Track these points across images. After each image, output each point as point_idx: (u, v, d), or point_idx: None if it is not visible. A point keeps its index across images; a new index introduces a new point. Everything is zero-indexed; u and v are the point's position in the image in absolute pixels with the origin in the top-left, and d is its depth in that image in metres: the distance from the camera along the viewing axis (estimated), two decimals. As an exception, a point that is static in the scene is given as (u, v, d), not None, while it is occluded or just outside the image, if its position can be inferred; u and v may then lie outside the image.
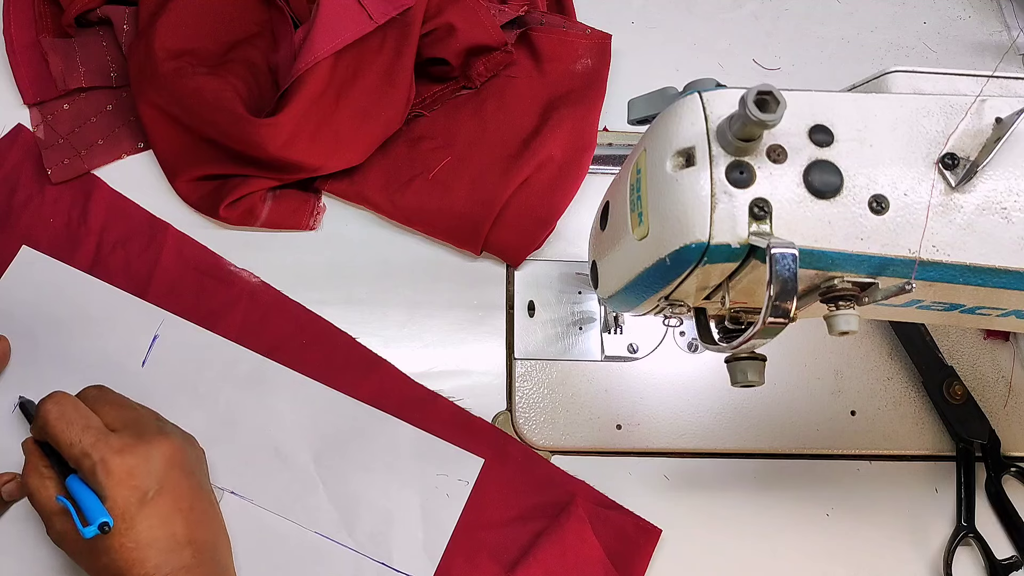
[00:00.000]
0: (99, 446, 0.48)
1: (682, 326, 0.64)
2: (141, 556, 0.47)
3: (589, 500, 0.60)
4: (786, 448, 0.63)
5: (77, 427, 0.49)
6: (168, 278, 0.62)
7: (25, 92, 0.65)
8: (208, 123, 0.61)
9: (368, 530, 0.58)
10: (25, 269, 0.61)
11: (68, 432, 0.48)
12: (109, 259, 0.62)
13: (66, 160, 0.63)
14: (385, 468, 0.59)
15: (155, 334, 0.60)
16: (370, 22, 0.62)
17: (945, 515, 0.62)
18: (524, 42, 0.70)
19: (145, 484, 0.48)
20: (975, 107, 0.41)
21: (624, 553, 0.58)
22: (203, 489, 0.52)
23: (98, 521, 0.46)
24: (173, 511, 0.49)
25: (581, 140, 0.67)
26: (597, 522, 0.59)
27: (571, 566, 0.57)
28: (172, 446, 0.50)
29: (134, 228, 0.63)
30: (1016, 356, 0.67)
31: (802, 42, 0.77)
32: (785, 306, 0.36)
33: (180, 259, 0.63)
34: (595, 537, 0.58)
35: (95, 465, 0.47)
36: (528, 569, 0.56)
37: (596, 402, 0.63)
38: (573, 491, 0.60)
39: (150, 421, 0.52)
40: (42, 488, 0.49)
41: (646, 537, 0.59)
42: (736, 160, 0.39)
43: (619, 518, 0.59)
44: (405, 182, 0.65)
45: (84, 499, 0.47)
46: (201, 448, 0.54)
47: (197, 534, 0.49)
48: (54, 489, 0.49)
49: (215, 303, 0.62)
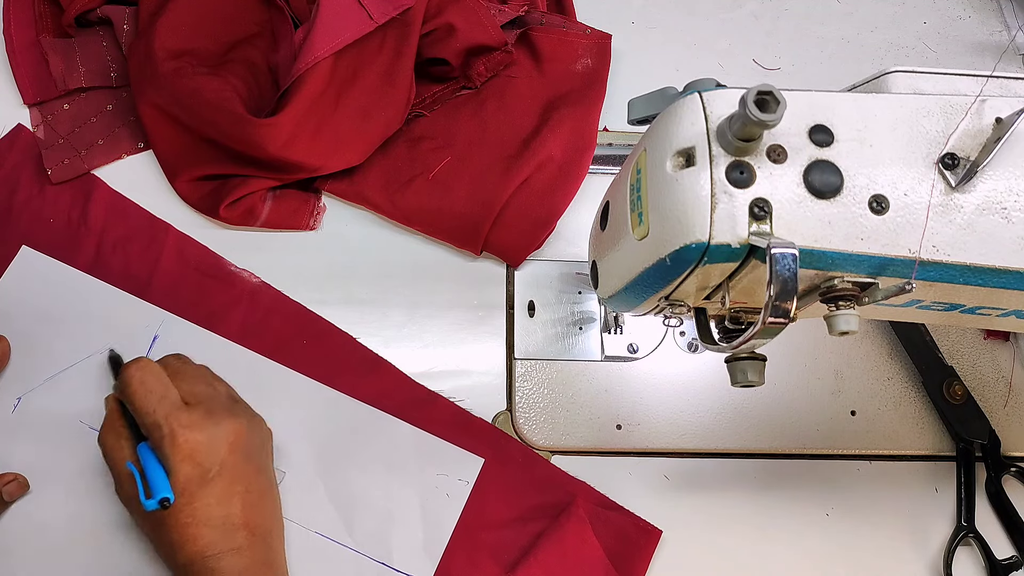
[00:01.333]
0: (171, 419, 0.49)
1: (682, 326, 0.64)
2: (196, 532, 0.48)
3: (589, 501, 0.60)
4: (786, 448, 0.63)
5: (155, 396, 0.50)
6: (168, 279, 0.62)
7: (25, 92, 0.65)
8: (208, 123, 0.61)
9: (368, 530, 0.58)
10: (25, 269, 0.61)
11: (146, 400, 0.50)
12: (109, 259, 0.62)
13: (66, 160, 0.63)
14: (385, 468, 0.59)
15: (155, 334, 0.60)
16: (370, 22, 0.62)
17: (945, 515, 0.62)
18: (524, 42, 0.70)
19: (207, 463, 0.49)
20: (975, 107, 0.41)
21: (624, 554, 0.58)
22: (263, 473, 0.53)
23: (160, 496, 0.47)
24: (231, 493, 0.50)
25: (581, 140, 0.67)
26: (597, 523, 0.59)
27: (572, 567, 0.57)
28: (237, 428, 0.51)
29: (134, 228, 0.63)
30: (1016, 356, 0.67)
31: (802, 42, 0.77)
32: (785, 306, 0.36)
33: (181, 259, 0.63)
34: (595, 538, 0.58)
35: (164, 437, 0.49)
36: (529, 570, 0.56)
37: (596, 402, 0.63)
38: (573, 491, 0.60)
39: (223, 399, 0.53)
40: (117, 448, 0.51)
41: (647, 538, 0.59)
42: (736, 160, 0.39)
43: (619, 519, 0.59)
44: (405, 182, 0.65)
45: (151, 470, 0.49)
46: (268, 430, 0.55)
47: (252, 517, 0.50)
48: (128, 451, 0.51)
49: (216, 303, 0.62)
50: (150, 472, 0.49)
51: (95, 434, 0.53)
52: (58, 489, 0.56)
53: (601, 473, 0.61)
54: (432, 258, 0.65)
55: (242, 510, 0.50)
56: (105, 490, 0.55)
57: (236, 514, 0.50)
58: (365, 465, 0.59)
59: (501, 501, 0.59)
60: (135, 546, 0.55)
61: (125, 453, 0.51)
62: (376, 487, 0.59)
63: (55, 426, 0.57)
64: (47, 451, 0.56)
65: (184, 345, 0.60)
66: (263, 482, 0.53)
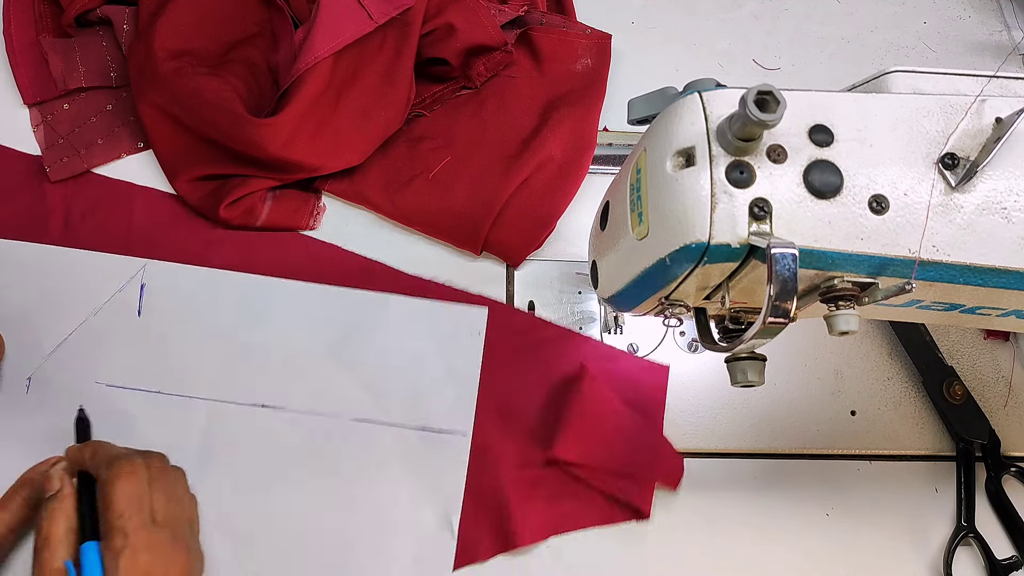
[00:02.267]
0: (140, 533, 0.47)
1: (682, 326, 0.64)
2: None
3: (594, 357, 0.62)
4: (786, 448, 0.63)
5: (135, 502, 0.48)
6: (146, 231, 0.62)
7: (25, 92, 0.65)
8: (208, 123, 0.61)
9: (400, 402, 0.60)
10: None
11: (125, 503, 0.48)
12: (80, 229, 0.62)
13: (65, 158, 0.63)
14: (399, 342, 0.61)
15: (141, 283, 0.61)
16: (370, 22, 0.62)
17: (945, 515, 0.62)
18: (524, 42, 0.70)
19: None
20: (975, 107, 0.41)
21: (640, 397, 0.61)
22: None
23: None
24: None
25: (581, 140, 0.67)
26: (607, 377, 0.61)
27: (598, 427, 0.59)
28: (189, 563, 0.49)
29: (99, 195, 0.63)
30: (1016, 356, 0.67)
31: (802, 42, 0.77)
32: (785, 306, 0.36)
33: (153, 212, 0.63)
34: (611, 392, 0.60)
35: (126, 548, 0.46)
36: (564, 444, 0.58)
37: (596, 402, 0.63)
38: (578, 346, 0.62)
39: (185, 527, 0.51)
40: (58, 539, 0.48)
41: (656, 375, 0.62)
42: (736, 160, 0.39)
43: (626, 366, 0.62)
44: (405, 182, 0.65)
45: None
46: (202, 571, 0.53)
47: None
48: (71, 547, 0.48)
49: (202, 239, 0.62)
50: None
51: (116, 391, 0.54)
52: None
53: (601, 473, 0.61)
54: (432, 258, 0.65)
55: None
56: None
57: None
58: (381, 345, 0.61)
59: (513, 347, 0.62)
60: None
61: (66, 548, 0.48)
62: (396, 361, 0.61)
63: (73, 392, 0.57)
64: (71, 417, 0.57)
65: (174, 286, 0.61)
66: None
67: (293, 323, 0.61)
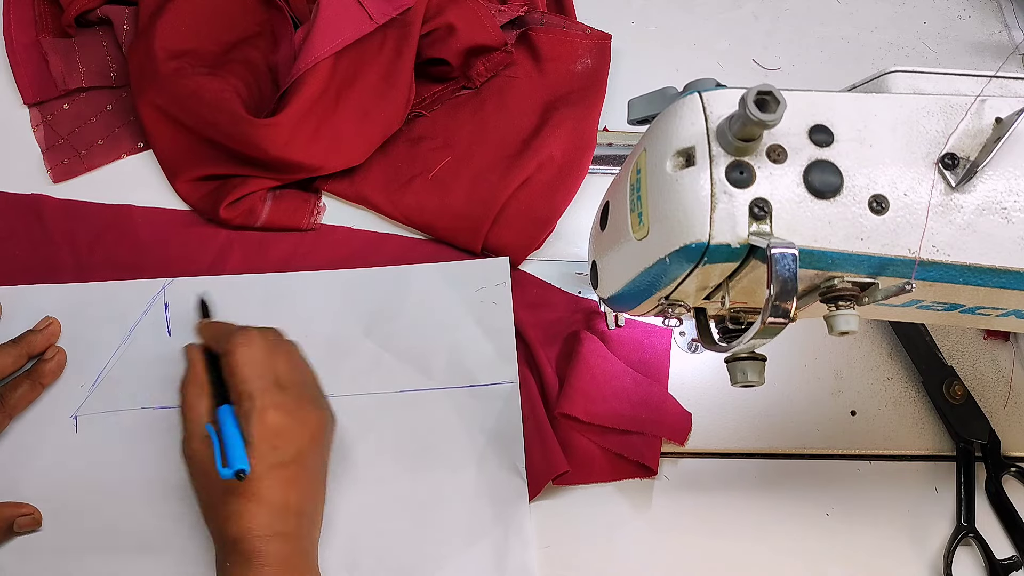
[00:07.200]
0: (266, 395, 0.50)
1: (682, 326, 0.64)
2: (255, 510, 0.48)
3: (598, 320, 0.63)
4: (786, 448, 0.63)
5: (257, 368, 0.51)
6: (155, 249, 0.62)
7: (25, 92, 0.65)
8: (208, 123, 0.61)
9: (443, 366, 0.61)
10: (13, 306, 0.60)
11: (247, 368, 0.50)
12: (90, 261, 0.61)
13: (66, 160, 0.63)
14: (428, 311, 0.62)
15: (165, 303, 0.61)
16: (370, 22, 0.62)
17: (945, 515, 0.62)
18: (524, 42, 0.70)
19: (286, 447, 0.50)
20: (975, 107, 0.41)
21: (645, 359, 0.62)
22: (325, 466, 0.54)
23: (237, 467, 0.47)
24: (296, 480, 0.50)
25: (581, 140, 0.67)
26: (609, 341, 0.62)
27: (602, 385, 0.59)
28: (321, 421, 0.52)
29: (100, 223, 0.63)
30: (1016, 356, 0.67)
31: (802, 42, 0.77)
32: (785, 306, 0.36)
33: (157, 228, 0.63)
34: (612, 353, 0.61)
35: (254, 410, 0.49)
36: (571, 401, 0.58)
37: (596, 402, 0.63)
38: (584, 307, 0.64)
39: (312, 388, 0.54)
40: (197, 404, 0.51)
41: (658, 337, 0.63)
42: (736, 160, 0.39)
43: (629, 329, 0.62)
44: (405, 182, 0.65)
45: (230, 438, 0.49)
46: (335, 426, 0.55)
47: (306, 507, 0.51)
48: (207, 410, 0.51)
49: (211, 248, 0.62)
50: (229, 440, 0.48)
51: (164, 411, 0.54)
52: (146, 470, 0.56)
53: (601, 473, 0.61)
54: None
55: (299, 498, 0.50)
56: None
57: (294, 501, 0.50)
58: (412, 316, 0.62)
59: (537, 297, 0.63)
60: (171, 509, 0.55)
61: (204, 411, 0.51)
62: (430, 328, 0.61)
63: (124, 422, 0.58)
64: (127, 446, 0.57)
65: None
66: (323, 476, 0.54)
67: (322, 312, 0.61)
